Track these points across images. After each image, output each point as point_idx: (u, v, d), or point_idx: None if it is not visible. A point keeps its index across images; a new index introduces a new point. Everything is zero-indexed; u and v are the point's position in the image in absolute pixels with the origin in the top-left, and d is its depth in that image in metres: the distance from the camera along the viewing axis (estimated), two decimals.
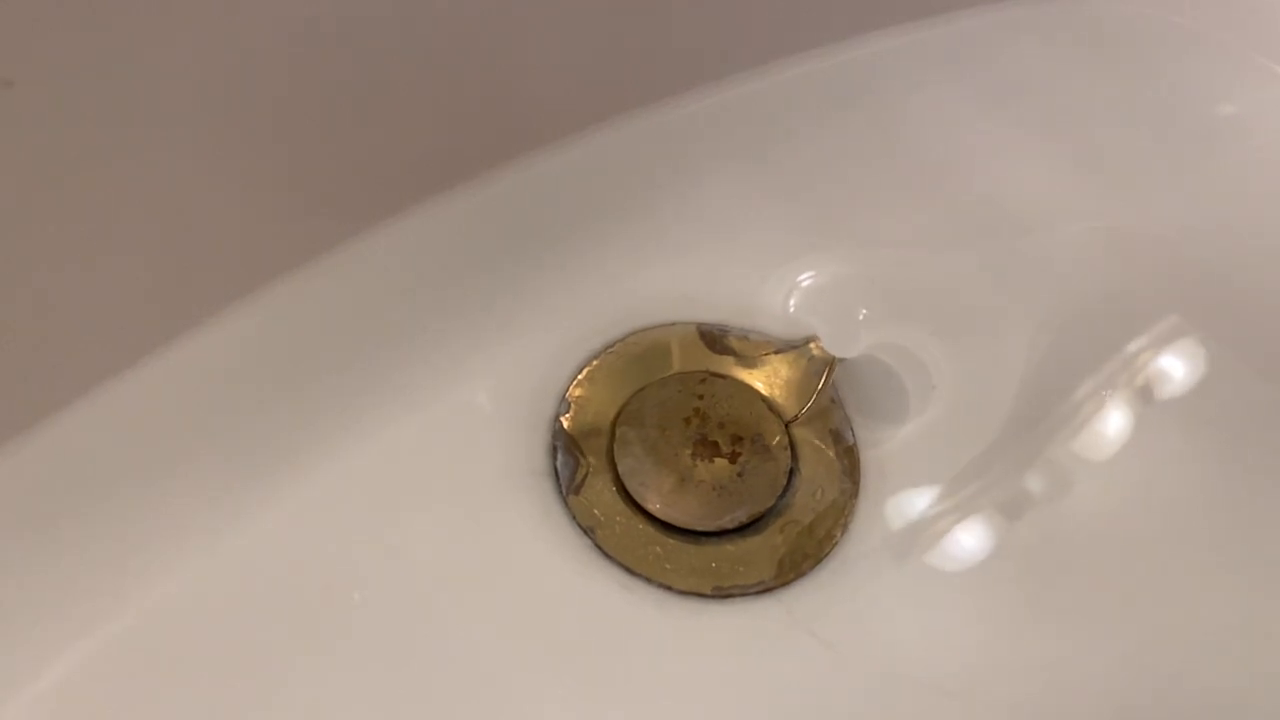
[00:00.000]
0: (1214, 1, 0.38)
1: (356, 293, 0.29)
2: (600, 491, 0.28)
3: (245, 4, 0.23)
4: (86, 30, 0.21)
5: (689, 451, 0.29)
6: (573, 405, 0.30)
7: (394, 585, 0.26)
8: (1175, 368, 0.32)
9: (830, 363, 0.30)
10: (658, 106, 0.33)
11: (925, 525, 0.29)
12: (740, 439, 0.30)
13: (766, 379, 0.31)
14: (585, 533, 0.28)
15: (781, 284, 0.33)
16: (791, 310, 0.32)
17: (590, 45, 0.31)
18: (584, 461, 0.29)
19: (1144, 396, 0.32)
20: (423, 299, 0.30)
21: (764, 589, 0.27)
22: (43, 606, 0.24)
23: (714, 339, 0.32)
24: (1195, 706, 0.27)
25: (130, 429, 0.25)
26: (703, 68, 0.33)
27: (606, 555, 0.27)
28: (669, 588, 0.27)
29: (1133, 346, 0.33)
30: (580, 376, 0.30)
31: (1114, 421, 0.31)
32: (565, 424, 0.29)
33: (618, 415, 0.30)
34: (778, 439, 0.30)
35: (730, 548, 0.28)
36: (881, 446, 0.30)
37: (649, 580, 0.27)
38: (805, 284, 0.33)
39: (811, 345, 0.31)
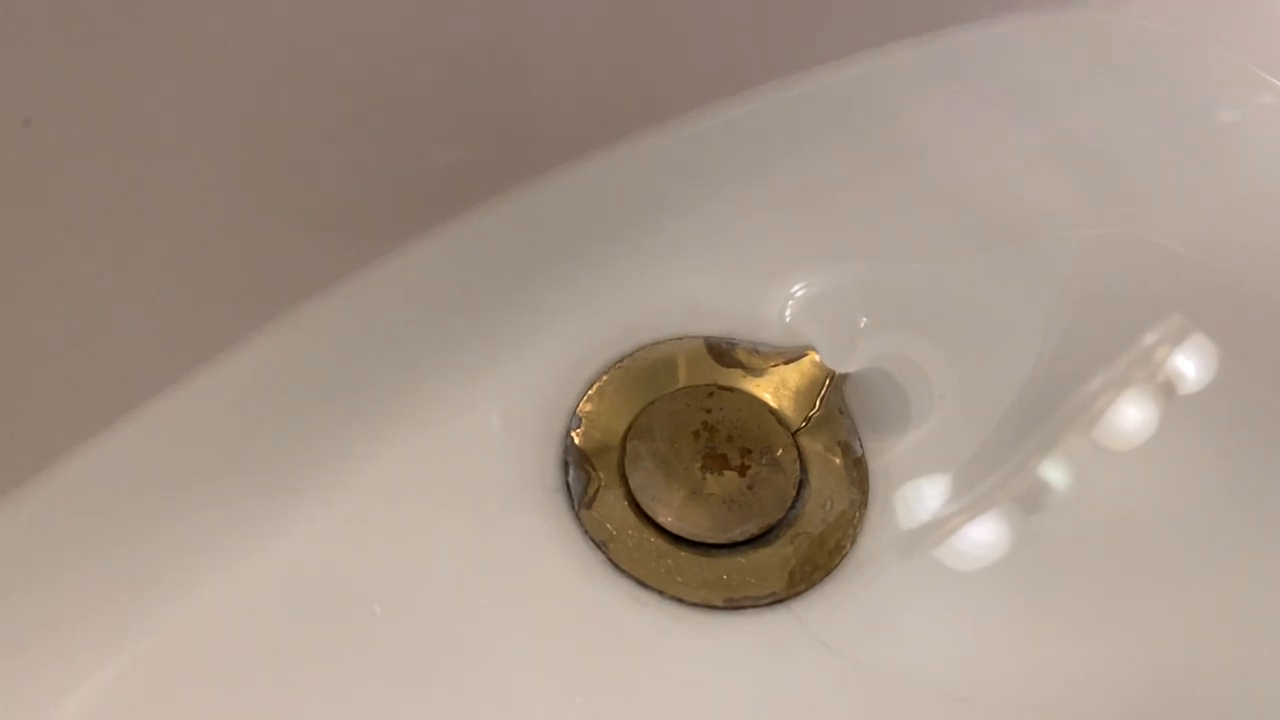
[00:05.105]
0: (1212, 15, 0.38)
1: (372, 317, 0.29)
2: (612, 506, 0.29)
3: (261, 35, 0.24)
4: (102, 65, 0.22)
5: (699, 465, 0.30)
6: (583, 421, 0.30)
7: (412, 600, 0.26)
8: (1181, 371, 0.32)
9: (831, 372, 0.31)
10: (663, 127, 0.33)
11: (934, 533, 0.29)
12: (749, 451, 0.30)
13: (774, 391, 0.31)
14: (598, 547, 0.28)
15: (786, 296, 0.33)
16: (797, 322, 0.33)
17: (598, 69, 0.31)
18: (595, 476, 0.29)
19: (1151, 401, 0.32)
20: (436, 321, 0.30)
21: (775, 600, 0.28)
22: (76, 622, 0.24)
23: (722, 352, 0.32)
24: (1218, 705, 0.27)
25: (161, 451, 0.26)
26: (706, 88, 0.34)
27: (619, 569, 0.28)
28: (681, 600, 0.27)
29: (1137, 351, 0.33)
30: (590, 392, 0.31)
31: (1122, 426, 0.31)
32: (576, 440, 0.30)
33: (628, 430, 0.30)
34: (786, 451, 0.30)
35: (741, 560, 0.28)
36: (889, 456, 0.30)
37: (661, 593, 0.27)
38: (811, 295, 0.33)
39: (814, 356, 0.31)
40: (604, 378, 0.31)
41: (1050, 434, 0.31)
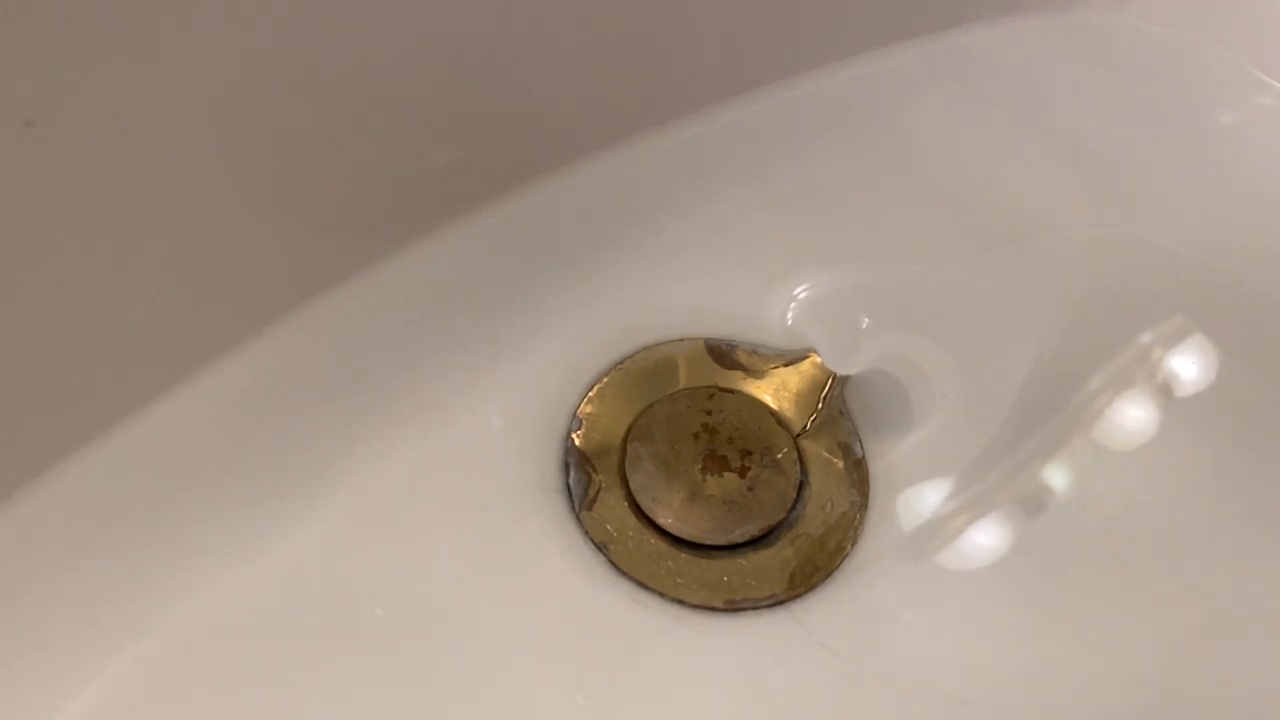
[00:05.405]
0: (1212, 16, 0.39)
1: (373, 318, 0.29)
2: (612, 507, 0.29)
3: (262, 35, 0.24)
4: (102, 65, 0.22)
5: (699, 466, 0.30)
6: (584, 422, 0.30)
7: (413, 602, 0.26)
8: (1182, 371, 0.32)
9: (831, 374, 0.31)
10: (663, 129, 0.33)
11: (935, 535, 0.29)
12: (749, 453, 0.30)
13: (775, 393, 0.31)
14: (598, 548, 0.28)
15: (787, 298, 0.33)
16: (799, 324, 0.33)
17: (599, 71, 0.31)
18: (596, 478, 0.29)
19: (1152, 401, 0.32)
20: (437, 322, 0.30)
21: (776, 602, 0.28)
22: (78, 624, 0.24)
23: (722, 354, 0.32)
24: (1221, 706, 0.27)
25: (162, 454, 0.26)
26: (707, 89, 0.34)
27: (619, 570, 0.28)
28: (681, 602, 0.27)
29: (1137, 352, 0.33)
30: (591, 394, 0.31)
31: (1123, 426, 0.31)
32: (577, 441, 0.30)
33: (628, 431, 0.30)
34: (786, 452, 0.30)
35: (742, 561, 0.28)
36: (889, 458, 0.30)
37: (662, 595, 0.27)
38: (811, 297, 0.33)
39: (815, 358, 0.31)
40: (604, 379, 0.31)
41: (1051, 435, 0.31)
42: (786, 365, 0.32)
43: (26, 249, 0.23)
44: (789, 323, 0.33)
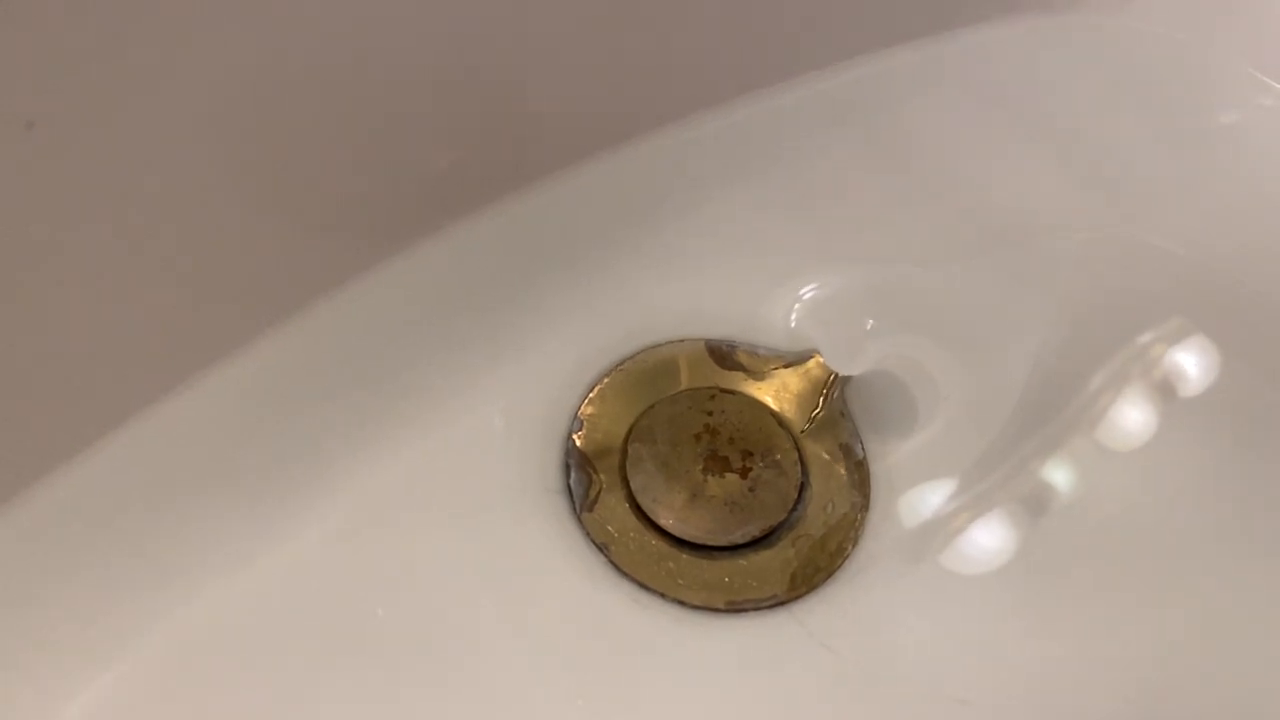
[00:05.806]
0: (1211, 17, 0.39)
1: (374, 318, 0.29)
2: (613, 508, 0.29)
3: (262, 35, 0.24)
4: (102, 65, 0.22)
5: (700, 467, 0.29)
6: (585, 423, 0.30)
7: (413, 602, 0.26)
8: (1183, 372, 0.32)
9: (832, 374, 0.31)
10: (664, 130, 0.33)
11: (936, 536, 0.29)
12: (750, 454, 0.30)
13: (775, 394, 0.31)
14: (599, 549, 0.28)
15: (788, 299, 0.33)
16: (799, 325, 0.33)
17: (600, 72, 0.31)
18: (597, 479, 0.29)
19: (1153, 402, 0.32)
20: (439, 322, 0.30)
21: (777, 603, 0.28)
22: (78, 627, 0.24)
23: (723, 355, 0.32)
24: (1223, 708, 0.27)
25: (163, 456, 0.26)
26: (708, 91, 0.34)
27: (620, 571, 0.28)
28: (682, 603, 0.27)
29: (1138, 351, 0.33)
30: (592, 395, 0.31)
31: (1124, 426, 0.31)
32: (578, 442, 0.30)
33: (629, 432, 0.30)
34: (788, 453, 0.30)
35: (743, 562, 0.28)
36: (890, 459, 0.30)
37: (662, 596, 0.27)
38: (812, 298, 0.33)
39: (816, 359, 0.31)
40: (605, 380, 0.31)
41: (1052, 436, 0.31)
42: (787, 366, 0.32)
43: (26, 249, 0.22)
44: (792, 324, 0.33)
